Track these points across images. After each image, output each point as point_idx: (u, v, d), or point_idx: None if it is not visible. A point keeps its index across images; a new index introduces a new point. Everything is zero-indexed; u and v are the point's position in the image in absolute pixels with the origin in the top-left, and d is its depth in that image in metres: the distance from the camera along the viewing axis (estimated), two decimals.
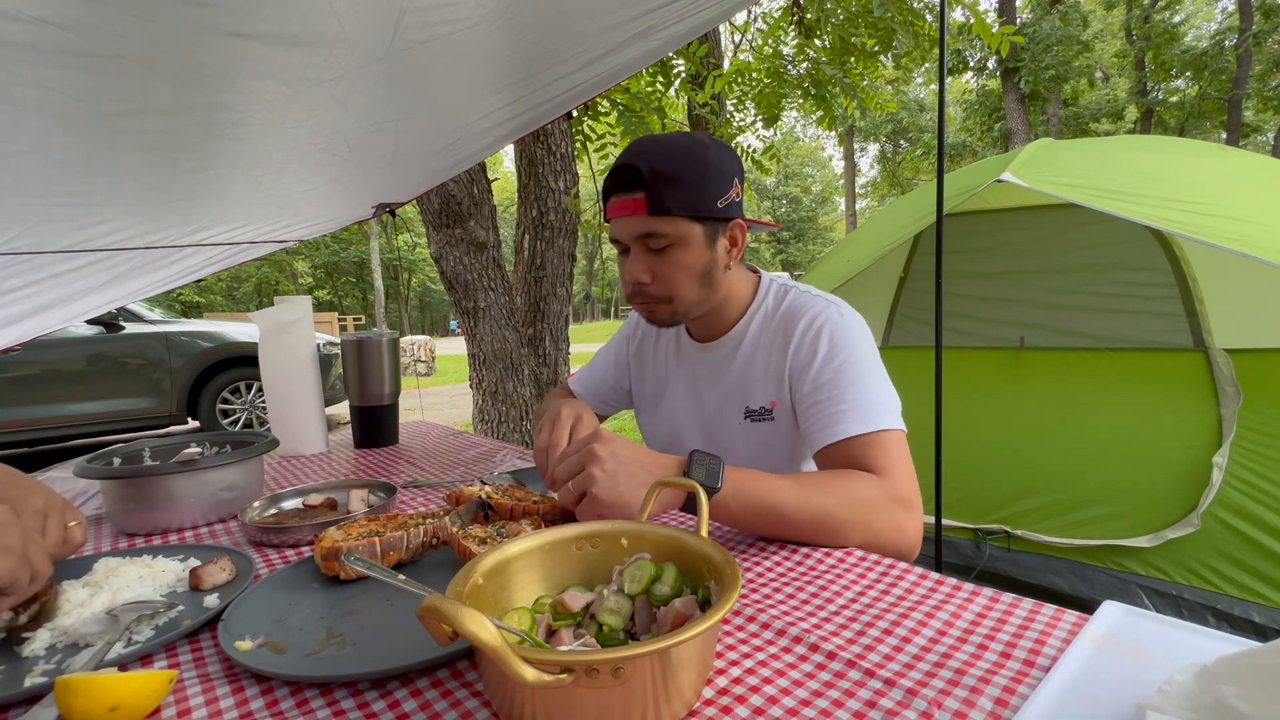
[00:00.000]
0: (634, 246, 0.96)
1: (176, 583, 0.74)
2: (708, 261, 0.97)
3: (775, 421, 1.02)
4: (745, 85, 3.89)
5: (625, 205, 0.93)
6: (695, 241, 0.94)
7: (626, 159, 0.92)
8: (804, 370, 0.96)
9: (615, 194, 0.94)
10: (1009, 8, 14.28)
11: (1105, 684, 0.48)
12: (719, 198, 0.94)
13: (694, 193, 0.91)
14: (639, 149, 0.93)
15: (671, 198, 0.90)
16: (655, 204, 0.90)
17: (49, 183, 1.18)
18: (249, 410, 5.62)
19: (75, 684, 0.47)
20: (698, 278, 0.97)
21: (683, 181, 0.91)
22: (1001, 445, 2.48)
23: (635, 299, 1.00)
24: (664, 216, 0.92)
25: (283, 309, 1.45)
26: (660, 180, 0.90)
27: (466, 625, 0.39)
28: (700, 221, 0.94)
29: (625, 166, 0.92)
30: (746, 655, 0.56)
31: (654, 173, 0.90)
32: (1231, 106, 14.22)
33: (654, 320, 1.02)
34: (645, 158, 0.91)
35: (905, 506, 0.82)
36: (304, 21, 0.87)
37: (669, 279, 0.96)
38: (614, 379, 1.28)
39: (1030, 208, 2.51)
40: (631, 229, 0.94)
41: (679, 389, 1.15)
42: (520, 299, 3.62)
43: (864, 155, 30.86)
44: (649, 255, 0.95)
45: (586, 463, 0.72)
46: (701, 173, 0.92)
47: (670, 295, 0.97)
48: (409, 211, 3.33)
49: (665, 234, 0.93)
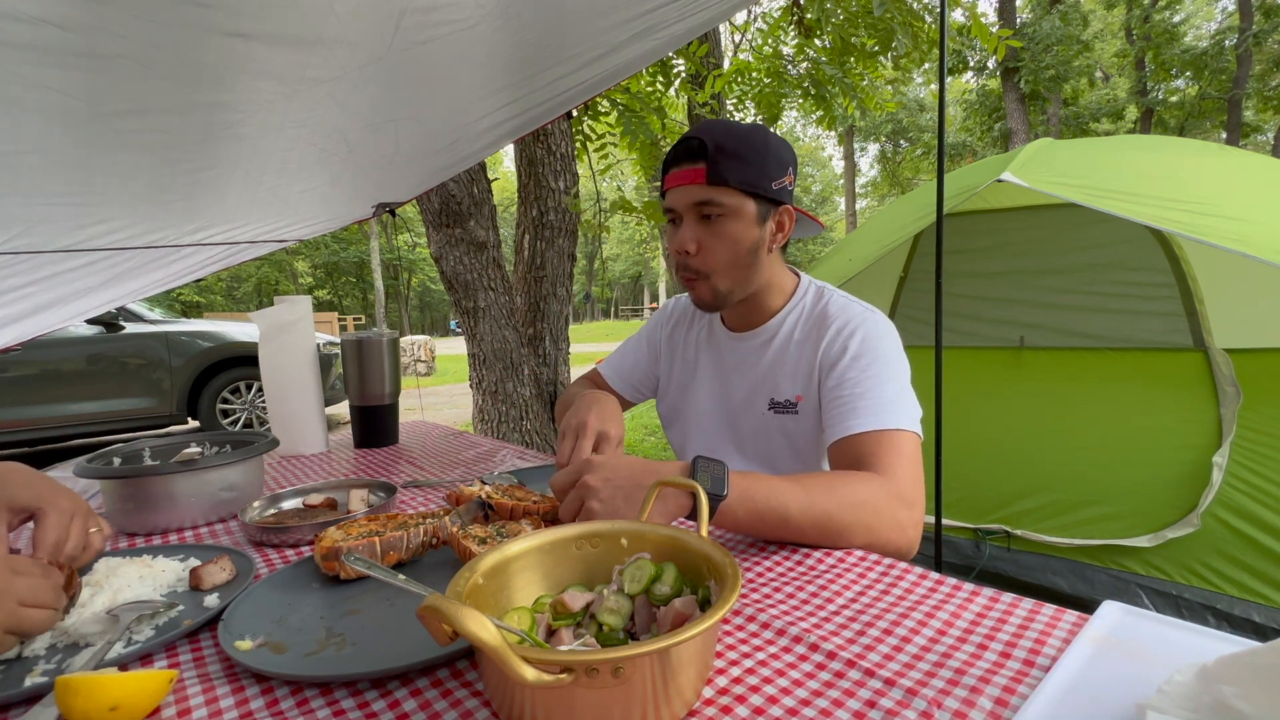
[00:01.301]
0: (687, 216, 0.99)
1: (176, 583, 0.74)
2: (755, 239, 1.00)
3: (799, 415, 1.03)
4: (745, 85, 3.89)
5: (685, 175, 0.97)
6: (746, 216, 0.98)
7: (693, 133, 0.97)
8: (832, 366, 0.99)
9: (677, 165, 0.99)
10: (1009, 8, 14.27)
11: (1105, 684, 0.48)
12: (774, 180, 0.98)
13: (752, 169, 0.96)
14: (704, 126, 0.98)
15: (730, 170, 0.95)
16: (714, 174, 0.95)
17: (49, 183, 1.18)
18: (249, 410, 5.62)
19: (75, 684, 0.47)
20: (744, 253, 1.00)
21: (742, 157, 0.95)
22: (1001, 445, 2.48)
23: (680, 272, 1.03)
24: (721, 187, 0.96)
25: (283, 309, 1.45)
26: (722, 153, 0.94)
27: (466, 625, 0.39)
28: (754, 198, 0.98)
29: (690, 139, 0.97)
30: (746, 655, 0.56)
31: (717, 146, 0.95)
32: (1231, 106, 14.22)
33: (697, 300, 1.05)
34: (710, 133, 0.96)
35: (906, 504, 0.82)
36: (304, 22, 0.87)
37: (714, 250, 0.99)
38: (647, 364, 1.29)
39: (1030, 208, 2.51)
40: (688, 197, 0.98)
41: (706, 377, 1.16)
42: (520, 299, 3.62)
43: (864, 155, 30.88)
44: (699, 225, 0.99)
45: (584, 497, 0.73)
46: (761, 152, 0.97)
47: (710, 269, 1.00)
48: (409, 211, 3.33)
49: (720, 203, 0.96)
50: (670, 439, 1.25)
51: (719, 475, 0.74)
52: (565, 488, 0.76)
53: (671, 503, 0.72)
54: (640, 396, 1.31)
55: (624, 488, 0.73)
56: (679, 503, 0.73)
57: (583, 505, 0.73)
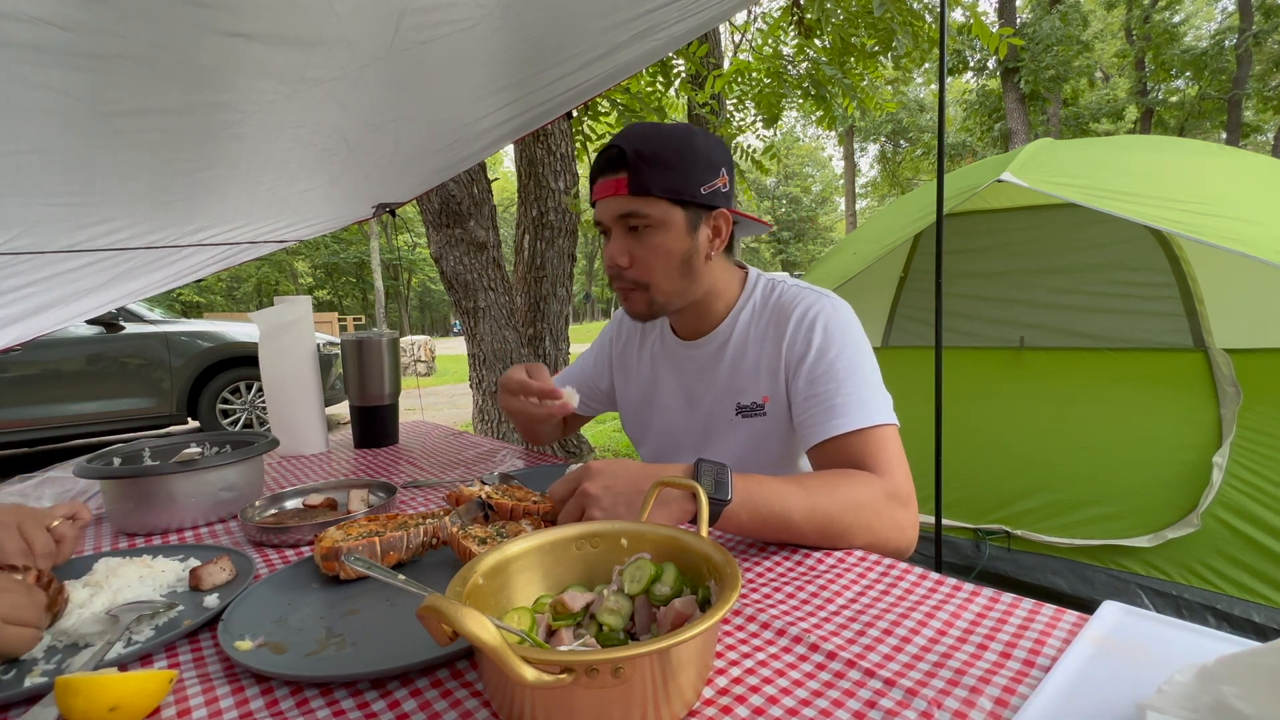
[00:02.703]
0: (614, 228, 0.95)
1: (176, 583, 0.74)
2: (687, 249, 0.95)
3: (767, 416, 1.01)
4: (745, 85, 3.89)
5: (608, 186, 0.93)
6: (675, 226, 0.93)
7: (614, 141, 0.93)
8: (799, 362, 0.96)
9: (601, 175, 0.94)
10: (1009, 8, 14.28)
11: (1105, 684, 0.48)
12: (703, 184, 0.93)
13: (676, 176, 0.91)
14: (626, 132, 0.94)
15: (652, 178, 0.90)
16: (636, 184, 0.90)
17: (49, 183, 1.18)
18: (249, 410, 5.62)
19: (75, 684, 0.47)
20: (676, 264, 0.96)
21: (666, 164, 0.90)
22: (1001, 445, 2.48)
23: (615, 284, 1.00)
24: (644, 197, 0.91)
25: (283, 309, 1.45)
26: (643, 160, 0.90)
27: (466, 625, 0.39)
28: (681, 206, 0.93)
29: (610, 147, 0.92)
30: (746, 655, 0.56)
31: (637, 153, 0.90)
32: (1231, 106, 14.22)
33: (632, 311, 1.01)
34: (630, 139, 0.91)
35: (902, 504, 0.82)
36: (304, 22, 0.87)
37: (646, 263, 0.95)
38: (593, 378, 1.27)
39: (1030, 208, 2.50)
40: (612, 209, 0.94)
41: (668, 388, 1.14)
42: (520, 299, 3.62)
43: (864, 155, 30.87)
44: (628, 237, 0.95)
45: (584, 504, 0.72)
46: (686, 157, 0.92)
47: (647, 281, 0.96)
48: (409, 211, 3.33)
49: (644, 215, 0.92)
50: (642, 456, 1.23)
51: (722, 479, 0.73)
52: (564, 496, 0.76)
53: (675, 508, 0.72)
54: (590, 410, 1.31)
55: (625, 494, 0.72)
56: (682, 507, 0.72)
57: (583, 513, 0.72)
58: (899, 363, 2.78)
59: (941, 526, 1.98)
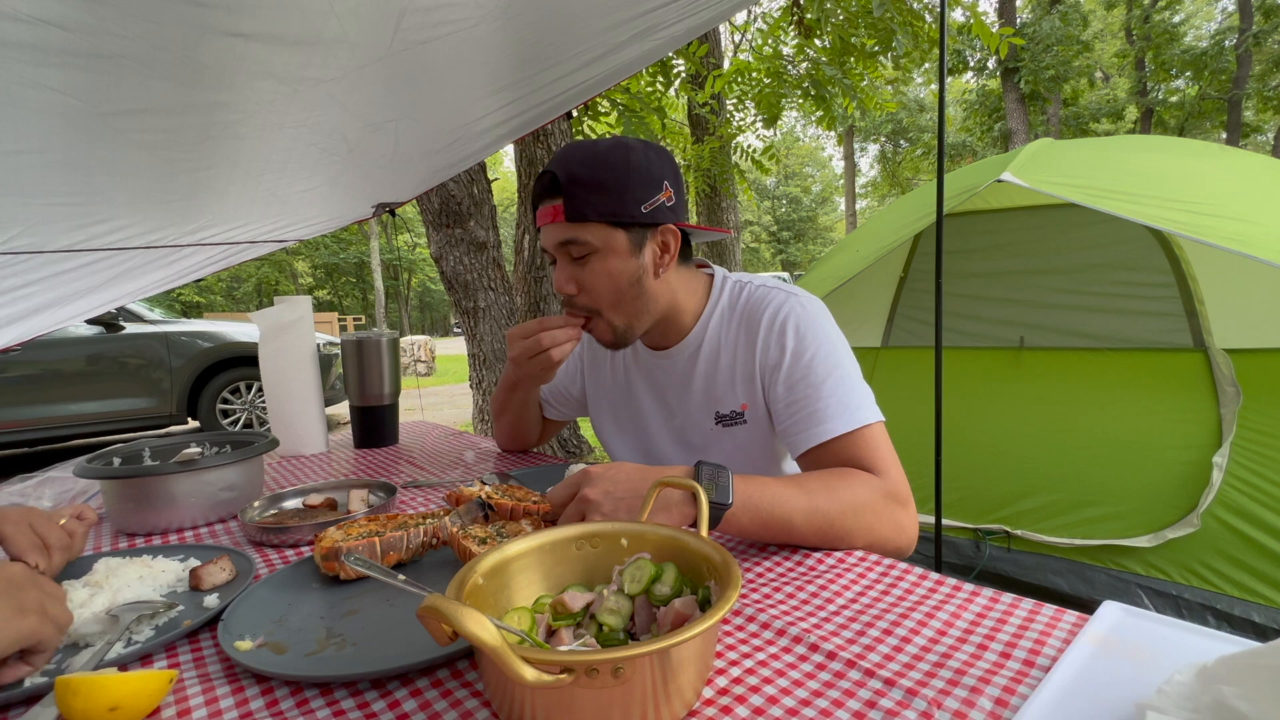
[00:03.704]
0: (559, 256, 0.93)
1: (176, 583, 0.74)
2: (634, 270, 0.92)
3: (748, 424, 0.99)
4: (745, 85, 3.90)
5: (546, 213, 0.90)
6: (618, 249, 0.90)
7: (548, 165, 0.90)
8: (775, 369, 0.94)
9: (539, 202, 0.92)
10: (1009, 8, 14.28)
11: (1105, 684, 0.48)
12: (644, 202, 0.89)
13: (614, 198, 0.88)
14: (560, 155, 0.90)
15: (589, 204, 0.87)
16: (573, 211, 0.87)
17: (49, 183, 1.18)
18: (249, 410, 5.62)
19: (75, 684, 0.47)
20: (625, 287, 0.92)
21: (602, 186, 0.87)
22: (1001, 445, 2.48)
23: (569, 312, 0.97)
24: (582, 224, 0.88)
25: (283, 309, 1.45)
26: (577, 186, 0.86)
27: (466, 625, 0.39)
28: (623, 228, 0.89)
29: (544, 173, 0.89)
30: (746, 655, 0.56)
31: (570, 178, 0.86)
32: (1231, 106, 14.23)
33: (598, 339, 0.99)
34: (563, 163, 0.88)
35: (901, 504, 0.82)
36: (304, 22, 0.87)
37: (594, 289, 0.92)
38: (564, 385, 1.26)
39: (1030, 208, 2.50)
40: (552, 237, 0.91)
41: (644, 398, 1.11)
42: (520, 299, 3.63)
43: (864, 155, 30.85)
44: (572, 265, 0.92)
45: (583, 510, 0.72)
46: (623, 176, 0.88)
47: (598, 307, 0.94)
48: (409, 211, 3.33)
49: (585, 241, 0.89)
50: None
51: (724, 483, 0.73)
52: (563, 501, 0.75)
53: (676, 512, 0.71)
54: (561, 415, 1.30)
55: (624, 498, 0.72)
56: (683, 511, 0.71)
57: (583, 518, 0.72)
58: (899, 363, 2.79)
59: (941, 526, 1.99)
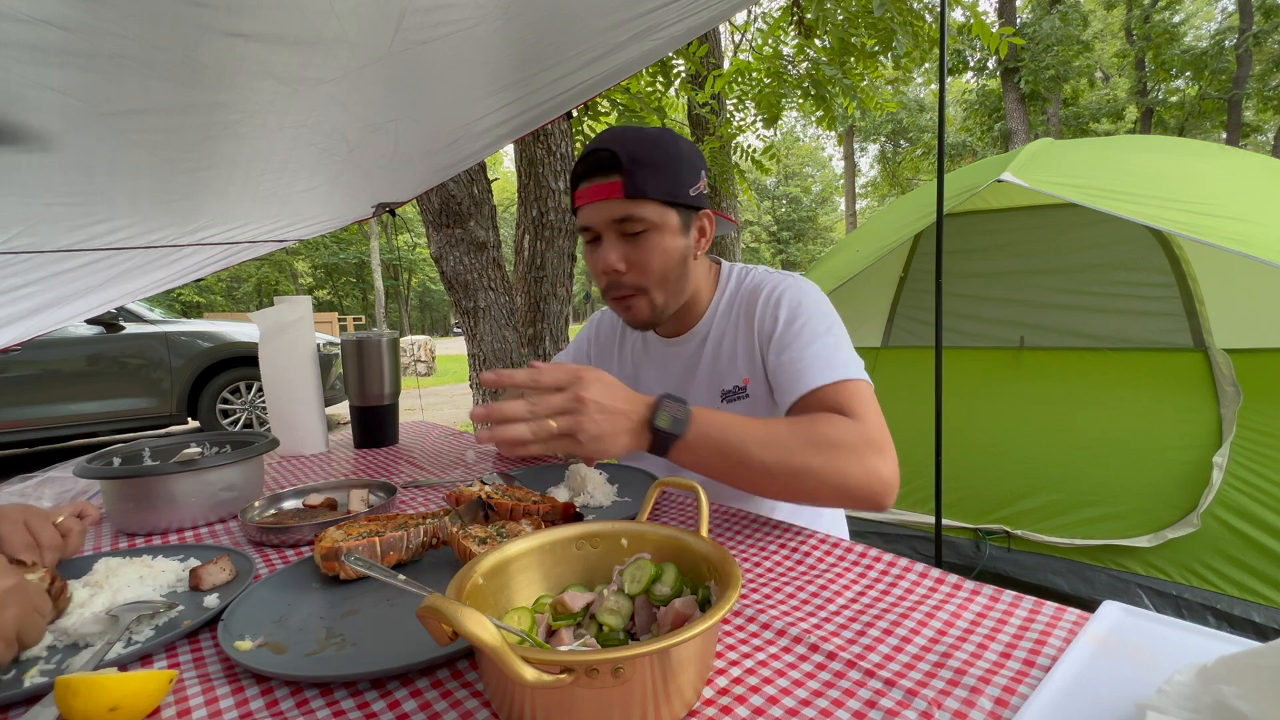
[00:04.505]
0: (607, 234, 0.94)
1: (176, 583, 0.74)
2: (683, 249, 0.97)
3: (751, 398, 1.01)
4: (745, 85, 3.90)
5: (600, 190, 0.91)
6: (671, 227, 0.94)
7: (600, 144, 0.92)
8: (769, 338, 0.97)
9: (589, 179, 0.93)
10: (1009, 8, 14.28)
11: (1105, 684, 0.48)
12: (690, 186, 0.94)
13: (669, 179, 0.92)
14: (612, 135, 0.93)
15: (649, 181, 0.90)
16: (633, 187, 0.90)
17: (49, 182, 1.18)
18: (249, 410, 5.62)
19: (75, 684, 0.47)
20: (674, 265, 0.96)
21: (659, 166, 0.91)
22: (1001, 445, 2.48)
23: (610, 293, 0.98)
24: (641, 200, 0.91)
25: (283, 309, 1.45)
26: (637, 164, 0.89)
27: (466, 625, 0.39)
28: (675, 208, 0.94)
29: (600, 150, 0.91)
30: (746, 655, 0.56)
31: (631, 156, 0.89)
32: (1231, 106, 14.22)
33: (633, 317, 1.00)
34: (621, 142, 0.91)
35: (878, 450, 0.79)
36: (304, 22, 0.87)
37: (645, 265, 0.94)
38: None
39: (1030, 208, 2.51)
40: (607, 213, 0.92)
41: (653, 387, 1.13)
42: (520, 299, 3.62)
43: (864, 155, 30.84)
44: (623, 242, 0.94)
45: (576, 410, 0.67)
46: (675, 159, 0.92)
47: (645, 284, 0.96)
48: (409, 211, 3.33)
49: (642, 218, 0.92)
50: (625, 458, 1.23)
51: (681, 416, 0.73)
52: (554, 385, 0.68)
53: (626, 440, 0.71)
54: None
55: (611, 414, 0.69)
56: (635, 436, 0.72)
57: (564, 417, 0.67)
58: (899, 363, 2.79)
59: (941, 526, 1.99)
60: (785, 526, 0.86)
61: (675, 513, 0.95)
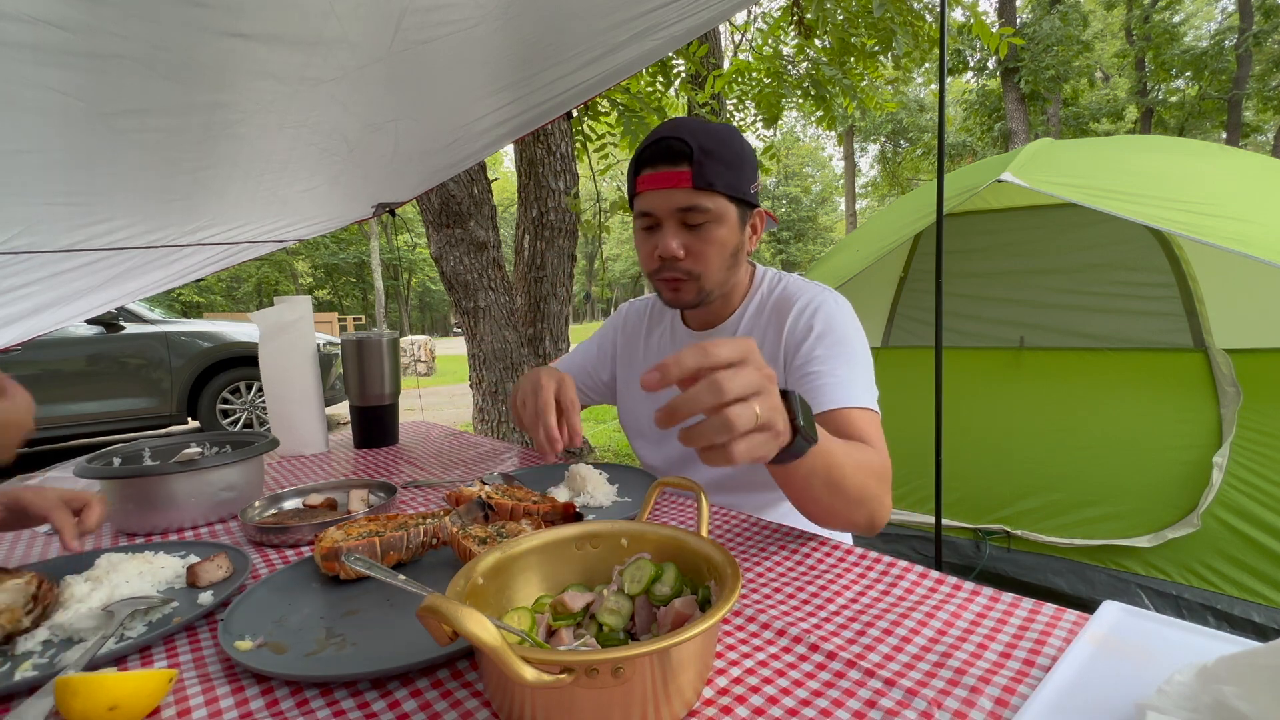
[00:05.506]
0: (669, 221, 0.96)
1: (175, 579, 0.75)
2: (739, 242, 1.00)
3: None
4: (745, 85, 3.89)
5: (668, 178, 0.93)
6: (731, 221, 0.97)
7: (672, 133, 0.93)
8: (798, 346, 0.98)
9: (656, 165, 0.94)
10: (1009, 8, 14.27)
11: (1105, 684, 0.48)
12: (750, 184, 0.98)
13: (735, 174, 0.94)
14: (683, 126, 0.95)
15: (716, 174, 0.92)
16: (701, 179, 0.92)
17: (49, 183, 1.18)
18: (249, 410, 5.62)
19: (75, 684, 0.47)
20: (729, 257, 0.99)
21: (726, 161, 0.93)
22: (1001, 445, 2.48)
23: (661, 274, 1.00)
24: (709, 192, 0.93)
25: (283, 309, 1.45)
26: (708, 156, 0.92)
27: (466, 625, 0.39)
28: (736, 203, 0.96)
29: (672, 139, 0.93)
30: (746, 655, 0.56)
31: (702, 148, 0.91)
32: (1231, 106, 14.22)
33: (678, 297, 1.02)
34: (692, 134, 0.93)
35: (888, 483, 0.83)
36: (304, 22, 0.87)
37: (702, 255, 0.97)
38: (593, 368, 1.28)
39: (1030, 208, 2.50)
40: (673, 201, 0.94)
41: None
42: (520, 299, 3.62)
43: (864, 155, 30.83)
44: (684, 231, 0.96)
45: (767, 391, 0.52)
46: (740, 156, 0.95)
47: (700, 272, 0.98)
48: (409, 211, 3.33)
49: (708, 209, 0.94)
50: (640, 448, 1.23)
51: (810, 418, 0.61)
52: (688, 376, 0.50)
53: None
54: (586, 400, 1.30)
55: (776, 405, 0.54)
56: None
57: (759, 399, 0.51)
58: (899, 363, 2.78)
59: (941, 526, 1.98)
60: (786, 530, 0.86)
61: (675, 513, 0.95)
